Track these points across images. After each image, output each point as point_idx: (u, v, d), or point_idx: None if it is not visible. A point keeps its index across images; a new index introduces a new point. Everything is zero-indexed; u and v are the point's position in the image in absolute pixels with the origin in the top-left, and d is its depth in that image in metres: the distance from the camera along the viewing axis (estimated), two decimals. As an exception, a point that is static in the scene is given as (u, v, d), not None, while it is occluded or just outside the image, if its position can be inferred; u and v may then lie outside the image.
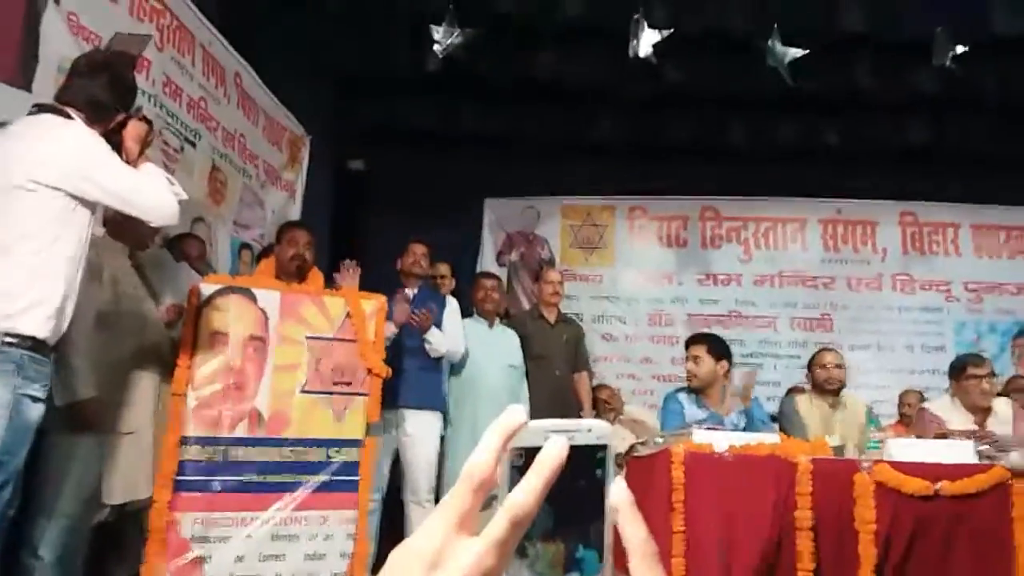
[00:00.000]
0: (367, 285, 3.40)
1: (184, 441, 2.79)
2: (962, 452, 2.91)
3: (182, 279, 3.21)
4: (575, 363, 4.67)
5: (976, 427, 3.42)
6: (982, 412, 3.57)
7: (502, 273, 6.28)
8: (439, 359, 3.95)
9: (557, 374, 4.53)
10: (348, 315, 3.16)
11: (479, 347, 4.11)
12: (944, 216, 6.52)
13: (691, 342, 3.70)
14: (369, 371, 3.14)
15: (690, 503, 2.77)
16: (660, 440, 3.17)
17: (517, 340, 4.31)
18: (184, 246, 3.67)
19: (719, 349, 3.65)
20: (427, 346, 3.82)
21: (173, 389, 2.82)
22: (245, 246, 4.70)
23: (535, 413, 3.79)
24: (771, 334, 6.38)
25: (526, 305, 6.01)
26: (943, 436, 3.24)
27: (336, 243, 5.38)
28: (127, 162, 2.20)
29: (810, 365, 3.97)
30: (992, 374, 3.67)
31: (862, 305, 6.40)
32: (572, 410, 4.57)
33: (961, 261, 6.42)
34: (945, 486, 2.76)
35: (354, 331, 3.14)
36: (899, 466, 2.82)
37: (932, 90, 5.30)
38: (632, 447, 3.38)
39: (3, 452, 1.94)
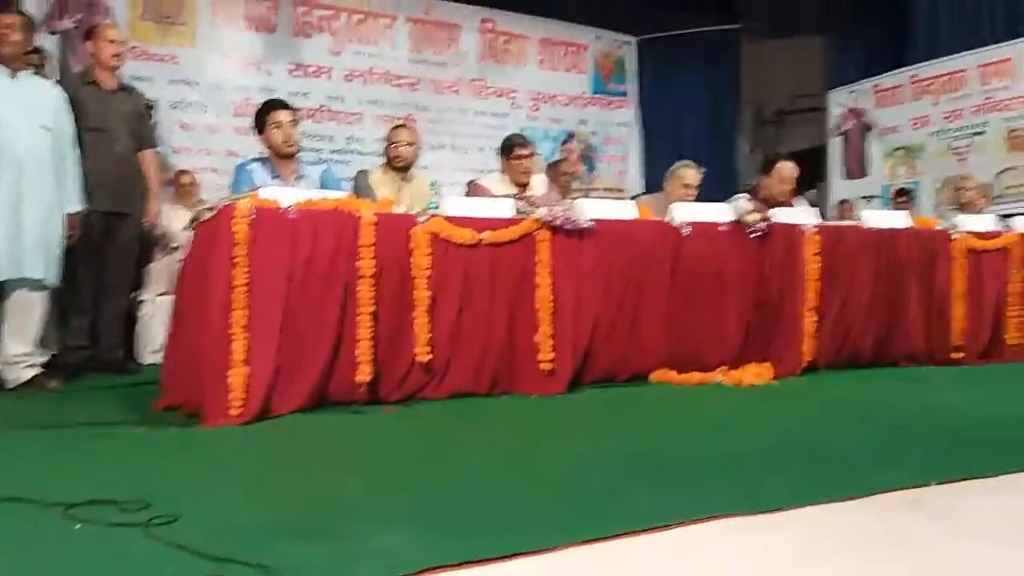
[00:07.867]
0: None
1: None
2: (503, 208, 3.33)
3: None
4: (140, 139, 4.17)
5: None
6: (523, 187, 4.11)
7: (52, 44, 5.28)
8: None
9: (119, 150, 3.99)
10: None
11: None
12: (517, 27, 7.10)
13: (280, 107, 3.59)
14: None
15: (255, 257, 2.74)
16: (226, 202, 3.04)
17: (57, 97, 3.60)
18: None
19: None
20: None
21: None
22: None
23: (96, 191, 3.27)
24: (358, 130, 6.47)
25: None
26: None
27: None
28: None
29: (387, 143, 4.13)
30: (533, 154, 4.22)
31: (442, 107, 6.78)
32: (137, 191, 4.14)
33: (526, 71, 7.14)
34: (488, 235, 3.16)
35: None
36: (451, 219, 3.13)
37: None
38: (198, 214, 3.20)
39: None
